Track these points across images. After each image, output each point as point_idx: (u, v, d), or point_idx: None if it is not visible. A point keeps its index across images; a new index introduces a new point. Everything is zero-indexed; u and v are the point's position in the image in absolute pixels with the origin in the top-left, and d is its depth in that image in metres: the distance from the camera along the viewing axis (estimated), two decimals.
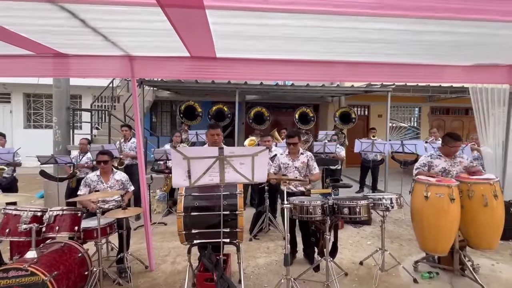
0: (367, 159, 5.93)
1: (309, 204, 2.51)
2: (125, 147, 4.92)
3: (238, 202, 2.22)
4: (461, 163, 2.95)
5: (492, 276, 2.91)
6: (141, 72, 3.17)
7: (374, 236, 3.99)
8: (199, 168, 1.78)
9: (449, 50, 2.93)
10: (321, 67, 3.39)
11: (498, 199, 2.60)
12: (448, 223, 2.59)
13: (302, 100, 9.02)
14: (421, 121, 10.33)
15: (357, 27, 2.28)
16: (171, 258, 3.38)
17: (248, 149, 1.87)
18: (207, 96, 8.93)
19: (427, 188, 2.62)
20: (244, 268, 3.09)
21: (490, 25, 2.17)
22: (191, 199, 2.24)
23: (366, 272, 3.00)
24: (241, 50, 2.97)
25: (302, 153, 3.08)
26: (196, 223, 2.20)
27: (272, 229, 4.14)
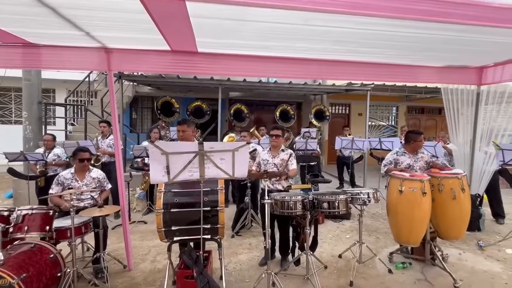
0: (344, 155, 6.12)
1: (290, 199, 2.55)
2: (103, 144, 4.73)
3: (219, 198, 2.20)
4: (423, 158, 3.15)
5: (459, 264, 3.11)
6: (118, 65, 3.05)
7: (353, 230, 4.13)
8: (178, 163, 1.74)
9: (422, 51, 3.07)
10: (304, 65, 3.44)
11: (465, 192, 2.77)
12: (420, 216, 2.73)
13: (286, 98, 9.10)
14: (398, 120, 10.77)
15: (337, 26, 2.34)
16: (151, 257, 3.31)
17: (229, 144, 1.86)
18: (190, 93, 8.77)
19: (402, 182, 2.74)
20: (226, 265, 3.09)
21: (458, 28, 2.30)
22: (171, 196, 2.20)
23: (344, 265, 3.10)
24: (223, 45, 2.95)
25: (283, 150, 3.09)
26: (176, 220, 2.16)
27: (254, 226, 4.16)
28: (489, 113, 4.18)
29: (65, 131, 7.24)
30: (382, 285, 2.72)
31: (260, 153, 3.28)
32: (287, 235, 3.09)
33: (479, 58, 3.52)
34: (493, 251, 3.44)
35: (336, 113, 10.25)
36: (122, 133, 5.93)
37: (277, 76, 6.18)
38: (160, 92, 8.61)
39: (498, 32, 2.40)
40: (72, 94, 8.29)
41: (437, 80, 4.04)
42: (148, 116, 9.96)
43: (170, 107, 6.84)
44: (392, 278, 2.85)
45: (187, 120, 2.97)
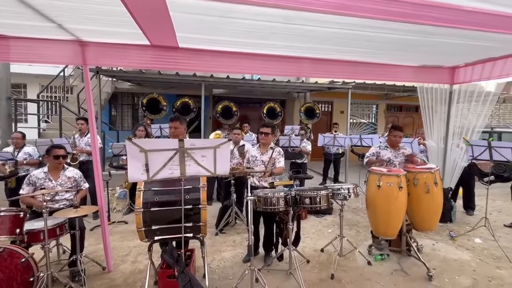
0: (329, 152, 6.25)
1: (272, 195, 2.57)
2: (81, 142, 4.52)
3: (201, 196, 2.18)
4: (403, 153, 3.29)
5: (432, 254, 3.29)
6: (95, 59, 2.92)
7: (335, 224, 4.24)
8: (158, 161, 1.70)
9: (399, 51, 3.19)
10: (287, 62, 3.47)
11: (438, 186, 2.92)
12: (397, 209, 2.85)
13: (270, 95, 9.13)
14: (378, 117, 11.13)
15: (318, 25, 2.37)
16: (131, 258, 3.22)
17: (210, 141, 1.84)
18: (172, 89, 8.58)
19: (380, 178, 2.85)
20: (209, 263, 3.08)
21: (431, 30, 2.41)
22: (151, 194, 2.15)
23: (326, 259, 3.18)
24: (206, 41, 2.90)
25: (272, 148, 3.10)
26: (156, 219, 2.11)
27: (239, 223, 4.17)
28: (461, 111, 4.41)
29: (38, 128, 6.86)
30: (362, 276, 2.82)
31: (250, 149, 3.29)
32: (271, 231, 3.12)
33: (452, 58, 3.71)
34: (463, 241, 3.66)
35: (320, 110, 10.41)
36: (101, 131, 5.71)
37: (260, 73, 6.19)
38: (141, 89, 8.36)
39: (468, 35, 2.54)
40: (46, 90, 7.87)
41: (414, 79, 4.21)
42: (129, 113, 9.64)
43: (156, 104, 6.67)
44: (371, 269, 2.95)
45: (179, 117, 2.92)
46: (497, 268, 2.98)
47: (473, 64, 3.78)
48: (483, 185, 3.90)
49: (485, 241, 3.60)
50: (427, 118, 4.61)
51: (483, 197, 4.00)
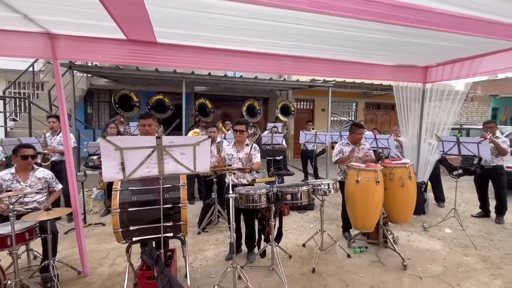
0: (307, 149, 6.37)
1: (254, 192, 2.57)
2: (53, 142, 4.28)
3: (181, 194, 2.14)
4: (363, 149, 3.45)
5: (407, 245, 3.45)
6: (66, 54, 2.77)
7: (316, 219, 4.33)
8: (134, 159, 1.64)
9: (377, 51, 3.30)
10: (269, 60, 3.48)
11: (412, 180, 3.07)
12: (374, 203, 2.96)
13: (252, 93, 9.12)
14: (357, 115, 11.48)
15: (298, 23, 2.39)
16: (109, 260, 3.11)
17: (189, 138, 1.80)
18: (152, 86, 8.34)
19: (358, 173, 2.95)
20: (191, 262, 3.04)
21: (405, 30, 2.51)
22: (129, 194, 2.08)
23: (308, 253, 3.24)
24: (185, 36, 2.84)
25: (247, 145, 3.11)
26: (134, 219, 2.05)
27: (222, 221, 4.14)
28: (433, 109, 4.65)
29: (5, 127, 6.42)
30: (342, 269, 2.90)
31: (225, 148, 3.26)
32: (252, 228, 3.13)
33: (424, 58, 3.89)
34: (435, 231, 3.88)
35: (301, 108, 10.57)
36: (75, 129, 5.43)
37: (242, 70, 6.16)
38: (119, 85, 8.04)
39: (438, 36, 2.68)
40: (13, 86, 7.35)
41: (390, 78, 4.37)
42: (106, 110, 9.25)
43: (129, 101, 6.43)
44: (351, 262, 3.05)
45: (151, 114, 2.82)
46: (464, 256, 3.19)
47: (444, 64, 3.99)
48: (452, 178, 4.14)
49: (455, 231, 3.84)
50: (402, 116, 4.81)
51: (452, 190, 4.25)
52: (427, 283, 2.65)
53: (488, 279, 2.71)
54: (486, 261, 3.06)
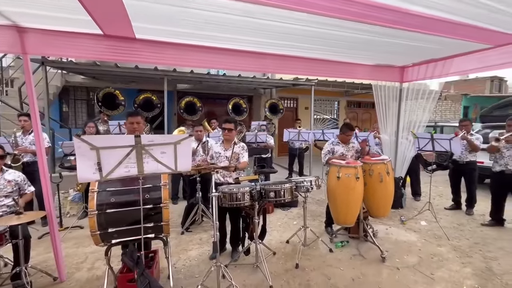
0: (294, 147, 6.44)
1: (237, 191, 2.57)
2: (24, 141, 4.04)
3: (162, 194, 2.10)
4: (353, 147, 3.53)
5: (386, 238, 3.59)
6: (37, 48, 2.63)
7: (300, 216, 4.40)
8: (112, 159, 1.59)
9: (357, 50, 3.39)
10: (252, 58, 3.47)
11: (390, 175, 3.19)
12: (355, 199, 3.05)
13: (236, 91, 9.08)
14: (339, 113, 11.76)
15: (279, 21, 2.41)
16: (88, 264, 2.99)
17: (170, 137, 1.76)
18: (132, 84, 8.07)
19: (339, 169, 3.02)
20: (174, 262, 3.00)
21: (382, 31, 2.60)
22: (107, 195, 2.01)
23: (291, 249, 3.29)
24: (166, 33, 2.78)
25: (235, 143, 3.09)
26: (113, 221, 1.98)
27: (206, 220, 4.11)
28: (410, 107, 4.85)
29: None
30: (324, 263, 2.98)
31: (213, 146, 3.24)
32: (237, 226, 3.13)
33: (401, 58, 4.05)
34: (412, 224, 4.06)
35: (285, 107, 10.62)
36: (49, 128, 5.15)
37: (225, 68, 6.13)
38: (97, 83, 7.73)
39: (413, 36, 2.79)
40: None
41: (369, 77, 4.51)
42: (83, 109, 8.86)
43: (113, 99, 6.20)
44: (332, 256, 3.13)
45: (140, 112, 2.73)
46: (438, 246, 3.37)
47: (419, 64, 4.17)
48: (427, 173, 4.36)
49: (429, 223, 4.04)
50: (381, 114, 4.99)
51: (427, 184, 4.47)
52: (403, 273, 2.78)
53: (459, 267, 2.89)
54: (457, 251, 3.25)
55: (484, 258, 3.07)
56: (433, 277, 2.70)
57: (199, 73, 6.26)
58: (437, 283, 2.61)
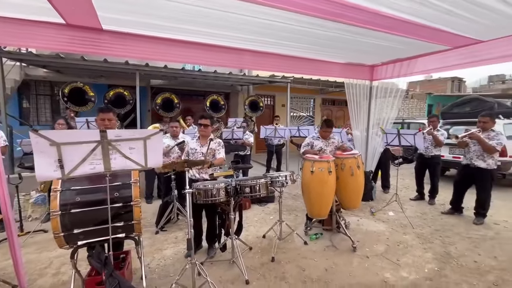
0: (271, 144, 6.52)
1: (212, 187, 2.55)
2: None
3: (133, 192, 2.02)
4: (333, 143, 3.66)
5: (357, 229, 3.77)
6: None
7: (276, 211, 4.46)
8: (75, 155, 1.49)
9: (330, 48, 3.48)
10: (227, 53, 3.44)
11: (360, 169, 3.34)
12: (327, 192, 3.16)
13: (213, 88, 8.97)
14: (315, 111, 12.07)
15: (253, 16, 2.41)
16: (52, 270, 2.81)
17: (139, 131, 1.70)
18: (102, 78, 7.66)
19: (313, 164, 3.11)
20: (148, 263, 2.92)
21: (353, 30, 2.70)
22: (71, 194, 1.89)
23: (267, 244, 3.34)
24: (136, 24, 2.66)
25: (211, 139, 3.06)
26: (78, 222, 1.87)
27: (181, 219, 4.03)
28: (380, 105, 5.10)
29: None
30: (299, 256, 3.06)
31: (189, 142, 3.18)
32: (213, 223, 3.11)
33: (371, 57, 4.24)
34: (381, 215, 4.30)
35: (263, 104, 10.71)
36: (6, 126, 4.74)
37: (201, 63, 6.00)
38: (62, 77, 7.23)
39: (380, 36, 2.93)
40: None
41: (342, 75, 4.67)
42: (46, 105, 8.24)
43: (82, 95, 5.82)
44: (307, 248, 3.23)
45: (112, 108, 2.58)
46: (403, 234, 3.60)
47: (387, 63, 4.39)
48: (394, 166, 4.63)
49: (396, 213, 4.30)
50: (353, 111, 5.19)
51: (395, 177, 4.75)
52: (372, 261, 2.94)
53: (421, 253, 3.11)
54: (420, 238, 3.50)
55: (443, 243, 3.34)
56: (399, 263, 2.88)
57: (173, 68, 6.09)
58: (402, 269, 2.79)
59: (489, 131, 3.87)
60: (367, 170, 4.90)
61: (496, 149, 3.75)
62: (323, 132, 3.57)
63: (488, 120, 3.87)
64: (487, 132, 3.86)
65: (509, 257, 3.01)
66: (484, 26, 2.58)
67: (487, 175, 3.87)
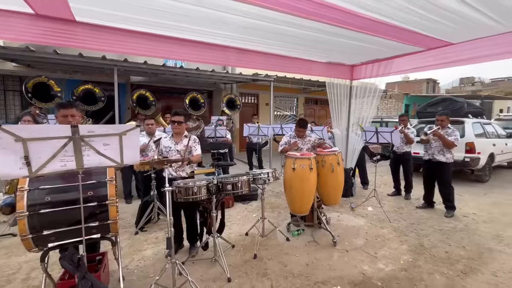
0: (253, 142, 6.53)
1: (193, 185, 2.51)
2: None
3: (108, 190, 1.94)
4: (310, 141, 3.73)
5: (337, 225, 3.86)
6: None
7: (259, 209, 4.41)
8: (44, 152, 1.41)
9: (312, 48, 3.53)
10: (212, 50, 3.40)
11: (340, 166, 3.42)
12: (309, 188, 3.21)
13: (195, 85, 8.83)
14: (298, 110, 12.22)
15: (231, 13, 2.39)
16: (22, 275, 2.65)
17: (114, 127, 1.63)
18: (77, 74, 7.30)
19: (294, 161, 3.15)
20: (127, 264, 2.83)
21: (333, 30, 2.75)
22: (40, 194, 1.78)
23: (250, 241, 3.34)
24: (112, 17, 2.56)
25: (186, 136, 3.00)
26: (49, 223, 1.77)
27: (162, 218, 3.94)
28: (360, 104, 5.25)
29: None
30: (281, 252, 3.08)
31: (162, 140, 3.09)
32: (194, 222, 3.06)
33: (351, 57, 4.35)
34: (360, 210, 4.44)
35: (246, 102, 10.71)
36: None
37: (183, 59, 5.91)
38: (33, 71, 6.80)
39: (361, 38, 3.01)
40: None
41: (324, 74, 4.76)
42: (16, 101, 7.72)
43: (47, 90, 5.49)
44: (289, 244, 3.27)
45: (74, 103, 2.42)
46: (381, 228, 3.74)
47: (366, 63, 4.52)
48: (373, 163, 4.79)
49: (375, 208, 4.46)
50: (334, 110, 5.30)
51: (373, 174, 4.91)
52: (352, 254, 3.02)
53: (397, 245, 3.25)
54: (396, 231, 3.65)
55: (417, 236, 3.50)
56: (376, 256, 2.99)
57: (153, 65, 5.91)
58: (379, 261, 2.90)
59: (446, 128, 4.17)
60: (348, 167, 5.03)
61: (454, 144, 4.04)
62: (297, 132, 3.65)
63: (445, 119, 4.22)
64: (445, 129, 4.18)
65: (476, 247, 3.21)
66: (453, 29, 2.72)
67: (446, 168, 4.17)
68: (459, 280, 2.56)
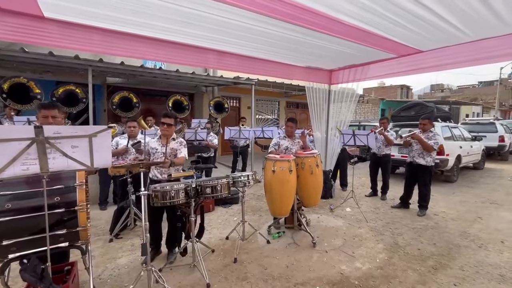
0: (237, 145, 6.50)
1: (171, 188, 2.44)
2: None
3: (77, 196, 1.83)
4: (299, 142, 3.78)
5: (317, 226, 3.92)
6: None
7: (240, 212, 4.40)
8: (3, 154, 1.30)
9: (292, 51, 3.59)
10: (190, 51, 3.36)
11: (319, 167, 3.49)
12: (289, 190, 3.24)
13: (176, 88, 8.66)
14: (280, 113, 12.36)
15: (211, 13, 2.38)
16: None
17: (83, 128, 1.55)
18: (48, 74, 6.91)
19: (274, 163, 3.16)
20: (99, 274, 2.68)
21: (311, 33, 2.82)
22: (0, 201, 1.65)
23: (230, 245, 3.30)
24: (84, 14, 2.45)
25: (174, 139, 2.95)
26: (9, 232, 1.64)
27: (139, 224, 3.79)
28: (338, 108, 5.40)
29: None
30: (261, 255, 3.07)
31: (150, 141, 3.00)
32: (175, 227, 2.98)
33: (329, 62, 4.48)
34: (339, 211, 4.54)
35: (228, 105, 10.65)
36: None
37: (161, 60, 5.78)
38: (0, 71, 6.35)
39: (339, 42, 3.11)
40: None
41: (303, 78, 4.85)
42: None
43: (25, 92, 5.15)
44: (270, 247, 3.26)
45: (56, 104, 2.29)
46: (359, 228, 3.84)
47: (344, 68, 4.68)
48: (350, 165, 4.94)
49: (353, 209, 4.58)
50: (314, 113, 5.42)
51: (352, 175, 5.06)
52: (330, 255, 3.07)
53: (374, 244, 3.35)
54: (373, 231, 3.76)
55: (392, 235, 3.64)
56: (354, 255, 3.06)
57: (131, 65, 5.73)
58: (356, 260, 2.97)
59: (428, 132, 4.34)
60: (327, 169, 5.14)
61: (433, 148, 4.22)
62: (288, 127, 3.69)
63: (427, 122, 4.37)
64: (426, 133, 4.34)
65: (445, 243, 3.39)
66: (422, 37, 2.89)
67: (426, 171, 4.34)
68: (430, 276, 2.68)
